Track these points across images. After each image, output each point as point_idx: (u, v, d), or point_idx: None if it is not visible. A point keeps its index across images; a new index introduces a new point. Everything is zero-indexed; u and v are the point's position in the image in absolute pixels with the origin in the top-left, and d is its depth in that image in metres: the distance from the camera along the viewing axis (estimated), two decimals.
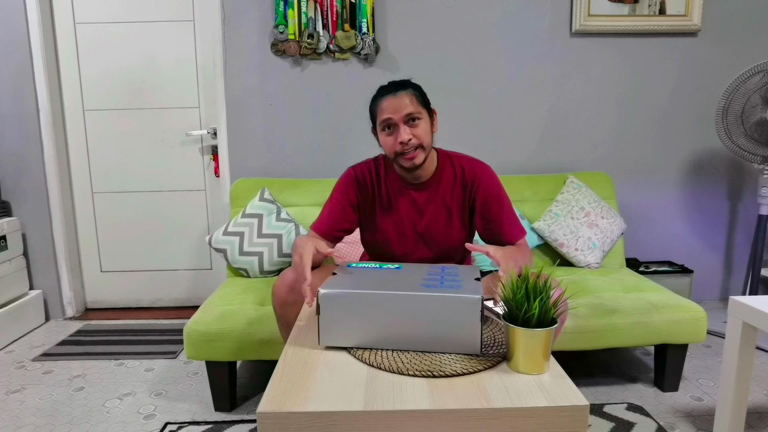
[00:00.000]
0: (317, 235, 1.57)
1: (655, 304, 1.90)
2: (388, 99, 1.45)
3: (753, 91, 2.36)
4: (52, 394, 2.00)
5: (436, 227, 1.57)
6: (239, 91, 2.62)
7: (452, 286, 1.12)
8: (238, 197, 2.44)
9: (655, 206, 2.80)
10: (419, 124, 1.46)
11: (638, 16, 2.59)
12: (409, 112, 1.44)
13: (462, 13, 2.59)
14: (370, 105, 1.53)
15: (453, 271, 1.26)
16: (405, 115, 1.44)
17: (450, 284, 1.13)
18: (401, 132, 1.44)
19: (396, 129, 1.46)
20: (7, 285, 2.55)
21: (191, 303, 2.97)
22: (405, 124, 1.45)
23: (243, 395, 1.99)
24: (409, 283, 1.14)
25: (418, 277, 1.20)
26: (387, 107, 1.45)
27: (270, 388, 0.95)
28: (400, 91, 1.45)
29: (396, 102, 1.44)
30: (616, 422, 1.74)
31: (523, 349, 0.98)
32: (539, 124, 2.71)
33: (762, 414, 1.81)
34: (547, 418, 0.88)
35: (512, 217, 1.56)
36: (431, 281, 1.16)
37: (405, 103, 1.44)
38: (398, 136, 1.45)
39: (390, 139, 1.47)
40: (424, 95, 1.50)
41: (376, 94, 1.51)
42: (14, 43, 2.58)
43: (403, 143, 1.44)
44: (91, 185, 2.85)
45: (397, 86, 1.47)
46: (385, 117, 1.45)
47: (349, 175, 1.61)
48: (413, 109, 1.44)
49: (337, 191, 1.60)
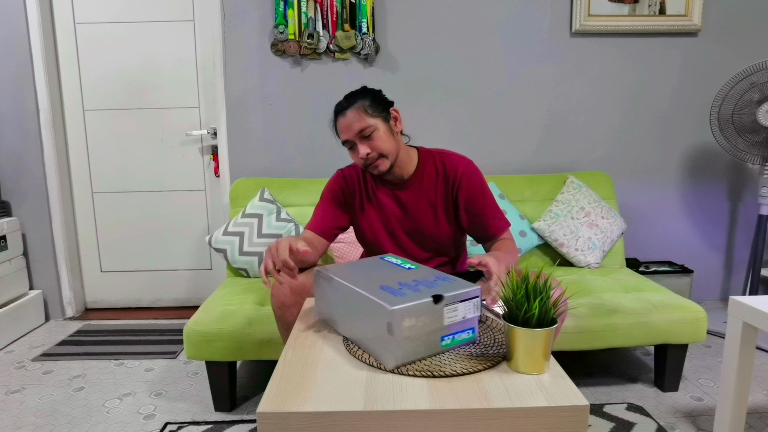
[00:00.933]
0: (314, 234, 1.60)
1: (655, 304, 1.90)
2: (340, 120, 1.51)
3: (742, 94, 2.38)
4: (52, 394, 2.00)
5: (423, 225, 1.60)
6: (239, 91, 2.62)
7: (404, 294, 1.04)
8: (238, 197, 2.44)
9: (655, 206, 2.80)
10: (373, 136, 1.49)
11: (638, 16, 2.59)
12: (358, 128, 1.48)
13: (462, 13, 2.59)
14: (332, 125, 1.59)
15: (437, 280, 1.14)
16: (356, 133, 1.48)
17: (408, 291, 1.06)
18: (359, 148, 1.49)
19: (355, 147, 1.51)
20: (7, 285, 2.55)
21: (191, 303, 2.97)
22: (360, 140, 1.49)
23: (243, 395, 1.99)
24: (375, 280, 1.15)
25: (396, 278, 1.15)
26: (341, 129, 1.51)
27: (270, 388, 0.95)
28: (348, 109, 1.49)
29: (345, 122, 1.49)
30: (616, 422, 1.74)
31: (523, 349, 0.98)
32: (539, 124, 2.70)
33: (762, 414, 1.81)
34: (547, 418, 0.88)
35: (496, 210, 1.58)
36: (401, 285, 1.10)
37: (353, 121, 1.48)
38: (358, 152, 1.50)
39: (354, 155, 1.53)
40: (376, 102, 1.51)
41: (333, 112, 1.55)
42: (14, 43, 2.58)
43: (363, 158, 1.49)
44: (91, 185, 2.85)
45: (346, 103, 1.50)
46: (343, 137, 1.51)
47: (337, 176, 1.66)
48: (362, 125, 1.47)
49: (327, 191, 1.65)
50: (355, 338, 1.12)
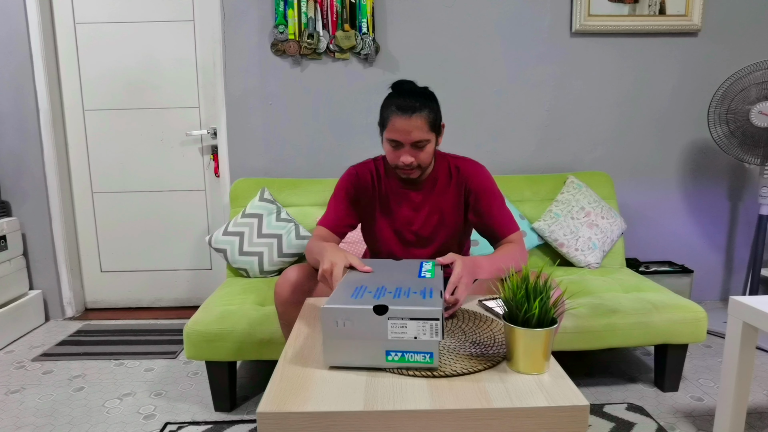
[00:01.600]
0: (328, 231, 1.59)
1: (655, 304, 1.90)
2: (401, 119, 1.42)
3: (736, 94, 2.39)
4: (52, 395, 2.00)
5: (432, 226, 1.61)
6: (239, 91, 2.62)
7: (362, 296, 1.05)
8: (238, 197, 2.44)
9: (655, 206, 2.80)
10: (424, 148, 1.46)
11: (638, 16, 2.59)
12: (416, 138, 1.43)
13: (462, 13, 2.59)
14: (383, 104, 1.49)
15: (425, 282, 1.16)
16: (413, 141, 1.44)
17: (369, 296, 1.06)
18: (405, 154, 1.45)
19: (401, 148, 1.46)
20: (6, 285, 2.55)
21: (191, 303, 2.97)
22: (411, 147, 1.45)
23: (243, 395, 1.99)
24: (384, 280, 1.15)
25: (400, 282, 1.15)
26: (397, 127, 1.43)
27: (270, 388, 0.95)
28: (415, 114, 1.42)
29: (407, 125, 1.42)
30: (617, 422, 1.74)
31: (523, 349, 0.98)
32: (539, 124, 2.70)
33: (762, 414, 1.81)
34: (547, 418, 0.88)
35: (505, 212, 1.58)
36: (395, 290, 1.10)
37: (416, 127, 1.42)
38: (401, 155, 1.46)
39: (393, 154, 1.48)
40: (438, 116, 1.48)
41: (392, 100, 1.45)
42: (14, 43, 2.58)
43: (404, 163, 1.46)
44: (90, 185, 2.85)
45: (414, 105, 1.42)
46: (394, 137, 1.44)
47: (350, 173, 1.64)
48: (422, 137, 1.43)
49: (340, 188, 1.63)
50: None
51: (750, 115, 2.34)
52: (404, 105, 1.43)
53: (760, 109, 2.30)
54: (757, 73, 2.34)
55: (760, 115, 2.32)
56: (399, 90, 1.48)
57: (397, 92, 1.47)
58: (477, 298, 1.42)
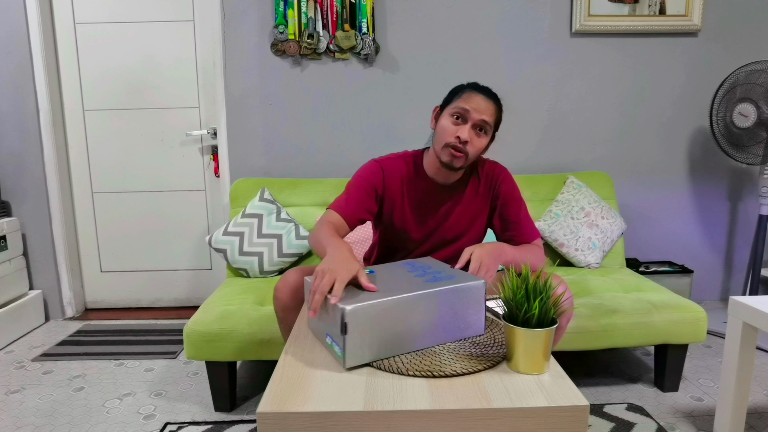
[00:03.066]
0: (341, 218, 1.49)
1: (655, 305, 1.90)
2: (480, 96, 1.45)
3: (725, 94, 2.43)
4: (52, 395, 2.00)
5: (458, 230, 1.60)
6: (239, 91, 2.62)
7: (445, 277, 1.15)
8: (238, 197, 2.44)
9: (655, 206, 2.80)
10: (482, 137, 1.47)
11: (638, 16, 2.59)
12: (485, 119, 1.44)
13: (462, 13, 2.59)
14: (454, 88, 1.52)
15: (424, 265, 1.27)
16: (480, 120, 1.44)
17: (441, 276, 1.16)
18: (465, 130, 1.44)
19: (464, 124, 1.46)
20: (6, 285, 2.55)
21: (191, 303, 2.97)
22: (473, 127, 1.45)
23: (243, 395, 1.99)
24: (412, 283, 1.12)
25: (406, 276, 1.18)
26: (474, 102, 1.44)
27: (270, 388, 0.95)
28: (491, 99, 1.47)
29: (484, 104, 1.44)
30: (617, 422, 1.74)
31: (523, 349, 0.98)
32: (539, 124, 2.70)
33: (762, 414, 1.81)
34: (547, 419, 0.88)
35: (529, 219, 1.60)
36: (425, 277, 1.16)
37: (489, 110, 1.45)
38: (461, 130, 1.45)
39: (452, 127, 1.46)
40: (500, 117, 1.53)
41: (469, 84, 1.50)
42: (14, 43, 2.58)
43: (459, 138, 1.44)
44: (90, 185, 2.85)
45: (491, 93, 1.48)
46: (465, 107, 1.44)
47: (376, 167, 1.57)
48: (489, 120, 1.45)
49: (364, 179, 1.55)
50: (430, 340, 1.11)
51: (733, 115, 2.38)
52: (483, 89, 1.48)
53: (740, 110, 2.34)
54: (740, 75, 2.39)
55: (740, 116, 2.36)
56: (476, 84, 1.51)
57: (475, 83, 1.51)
58: None
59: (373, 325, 1.02)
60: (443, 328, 1.10)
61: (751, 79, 2.34)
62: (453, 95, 1.50)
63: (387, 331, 1.04)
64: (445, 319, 1.10)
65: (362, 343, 1.02)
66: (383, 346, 1.04)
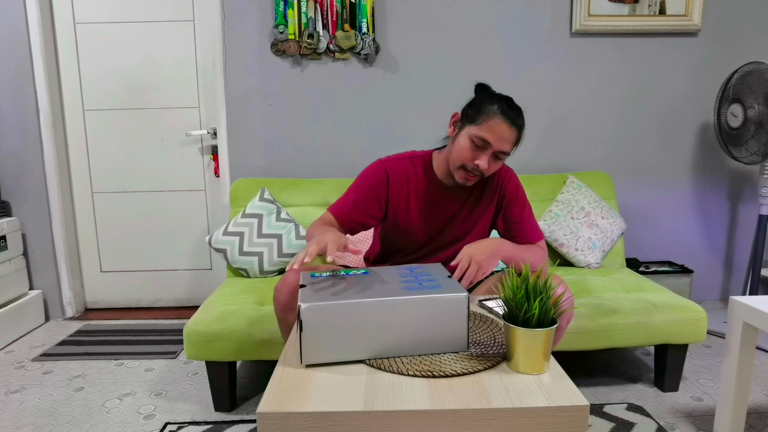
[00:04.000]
0: (335, 219, 1.51)
1: (655, 304, 1.90)
2: (504, 125, 1.38)
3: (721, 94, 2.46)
4: (52, 394, 2.00)
5: (462, 230, 1.60)
6: (239, 91, 2.62)
7: (432, 286, 1.10)
8: (238, 197, 2.44)
9: (655, 206, 2.80)
10: (500, 163, 1.46)
11: (638, 16, 2.59)
12: (505, 150, 1.41)
13: (462, 13, 2.59)
14: (480, 99, 1.44)
15: (423, 271, 1.22)
16: (501, 151, 1.41)
17: (429, 284, 1.11)
18: (484, 158, 1.40)
19: (483, 151, 1.41)
20: (6, 285, 2.55)
21: (191, 303, 2.97)
22: (492, 154, 1.42)
23: (243, 395, 1.99)
24: (390, 288, 1.09)
25: (393, 280, 1.15)
26: (497, 131, 1.38)
27: (270, 388, 0.95)
28: (515, 126, 1.40)
29: (506, 132, 1.38)
30: (616, 422, 1.74)
31: (523, 349, 0.98)
32: (539, 124, 2.70)
33: (762, 414, 1.81)
34: (547, 418, 0.88)
35: (533, 221, 1.59)
36: (409, 283, 1.12)
37: (511, 140, 1.41)
38: (479, 158, 1.41)
39: (471, 153, 1.41)
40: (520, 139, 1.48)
41: (496, 101, 1.40)
42: (14, 43, 2.58)
43: (476, 168, 1.42)
44: (91, 185, 2.85)
45: (517, 118, 1.41)
46: (487, 137, 1.38)
47: (381, 169, 1.54)
48: (508, 148, 1.42)
49: (367, 183, 1.53)
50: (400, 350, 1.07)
51: (726, 116, 2.42)
52: (511, 113, 1.39)
53: (732, 111, 2.38)
54: (733, 76, 2.42)
55: (731, 116, 2.40)
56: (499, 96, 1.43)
57: (498, 96, 1.43)
58: (477, 298, 1.42)
59: (330, 325, 1.01)
60: (417, 339, 1.05)
61: (741, 80, 2.38)
62: (479, 109, 1.41)
63: (348, 333, 1.02)
64: (419, 330, 1.05)
65: (320, 341, 1.01)
66: (347, 347, 1.03)
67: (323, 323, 1.01)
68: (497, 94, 1.45)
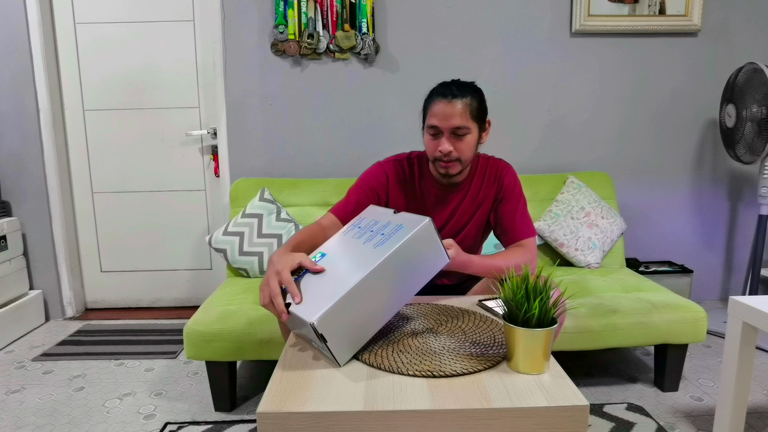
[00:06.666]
0: (338, 221, 1.50)
1: (655, 304, 1.90)
2: (441, 104, 1.39)
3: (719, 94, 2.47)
4: (52, 394, 2.00)
5: (461, 227, 1.60)
6: (239, 91, 2.62)
7: (394, 230, 1.12)
8: (238, 197, 2.44)
9: (655, 206, 2.80)
10: (464, 139, 1.42)
11: (638, 16, 2.59)
12: (456, 126, 1.39)
13: (462, 13, 2.59)
14: (427, 96, 1.47)
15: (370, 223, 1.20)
16: (452, 127, 1.39)
17: (390, 231, 1.12)
18: (443, 142, 1.40)
19: (440, 136, 1.42)
20: (7, 285, 2.55)
21: (191, 303, 2.97)
22: (450, 135, 1.41)
23: (243, 395, 1.99)
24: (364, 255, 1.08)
25: (358, 247, 1.14)
26: (437, 112, 1.40)
27: (270, 388, 0.95)
28: (456, 98, 1.38)
29: (447, 110, 1.38)
30: (616, 422, 1.74)
31: (523, 349, 0.98)
32: (539, 124, 2.71)
33: (762, 414, 1.81)
34: (547, 418, 0.88)
35: (525, 216, 1.57)
36: (373, 240, 1.12)
37: (455, 113, 1.38)
38: (440, 144, 1.41)
39: (432, 144, 1.44)
40: (481, 107, 1.44)
41: (434, 89, 1.45)
42: (14, 44, 2.58)
43: (441, 152, 1.42)
44: (91, 185, 2.85)
45: (456, 91, 1.40)
46: (432, 123, 1.41)
47: (381, 172, 1.56)
48: (461, 123, 1.39)
49: (368, 185, 1.55)
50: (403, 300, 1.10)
51: (723, 116, 2.43)
52: (445, 90, 1.41)
53: (727, 111, 2.40)
54: (731, 77, 2.43)
55: (727, 117, 2.41)
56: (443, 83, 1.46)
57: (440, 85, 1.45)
58: (477, 298, 1.42)
59: (344, 322, 1.02)
60: (412, 279, 1.10)
61: (736, 81, 2.39)
62: (424, 106, 1.48)
63: (362, 316, 1.05)
64: (410, 270, 1.09)
65: (344, 340, 1.02)
66: (366, 327, 1.06)
67: (339, 324, 1.01)
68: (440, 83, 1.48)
